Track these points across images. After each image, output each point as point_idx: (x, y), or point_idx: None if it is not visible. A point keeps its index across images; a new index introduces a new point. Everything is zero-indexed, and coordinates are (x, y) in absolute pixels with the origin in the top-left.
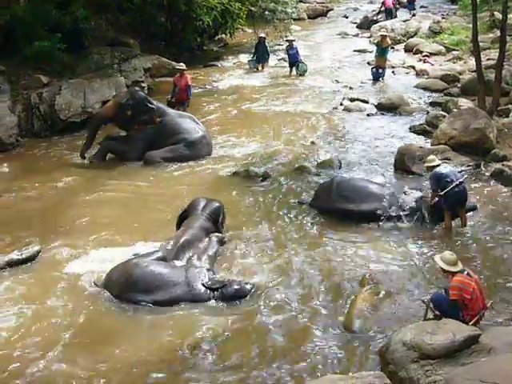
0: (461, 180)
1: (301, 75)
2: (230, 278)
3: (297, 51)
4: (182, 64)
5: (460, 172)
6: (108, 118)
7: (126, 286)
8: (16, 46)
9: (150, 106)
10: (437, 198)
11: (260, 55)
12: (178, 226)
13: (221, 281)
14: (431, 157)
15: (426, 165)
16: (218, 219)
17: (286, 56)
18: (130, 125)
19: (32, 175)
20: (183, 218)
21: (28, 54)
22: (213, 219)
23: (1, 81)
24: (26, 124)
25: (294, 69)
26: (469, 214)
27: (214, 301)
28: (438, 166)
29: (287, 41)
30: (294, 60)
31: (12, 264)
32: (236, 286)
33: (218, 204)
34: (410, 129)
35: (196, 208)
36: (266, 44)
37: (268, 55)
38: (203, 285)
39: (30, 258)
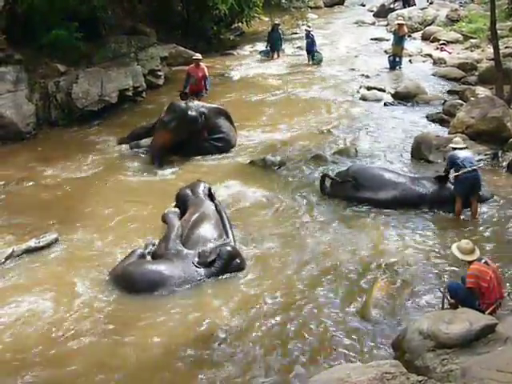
0: (474, 167)
1: (316, 64)
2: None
3: (312, 40)
4: (198, 54)
5: (478, 160)
6: (166, 148)
7: (128, 288)
8: (33, 34)
9: (200, 119)
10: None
11: (274, 43)
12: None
13: (213, 250)
14: (458, 139)
15: (451, 145)
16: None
17: (305, 44)
18: (189, 139)
19: (49, 164)
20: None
21: (45, 42)
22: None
23: (18, 70)
24: (44, 113)
25: (309, 57)
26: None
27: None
28: (460, 149)
29: (306, 30)
30: (309, 49)
31: (30, 251)
32: (229, 249)
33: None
34: (426, 117)
35: (196, 191)
36: (280, 31)
37: (282, 42)
38: (197, 265)
39: (48, 246)
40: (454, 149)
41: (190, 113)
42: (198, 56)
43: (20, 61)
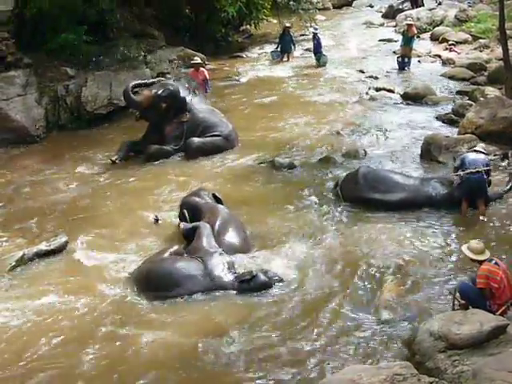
0: (479, 169)
1: (321, 66)
2: (257, 269)
3: (318, 42)
4: (196, 58)
5: (487, 163)
6: (141, 107)
7: (147, 285)
8: (42, 38)
9: (183, 99)
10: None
11: (286, 45)
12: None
13: (249, 272)
14: (482, 144)
15: (475, 148)
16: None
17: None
18: (161, 118)
19: (59, 167)
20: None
21: (54, 46)
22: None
23: (27, 73)
24: (53, 116)
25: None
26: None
27: (237, 290)
28: (477, 152)
29: (312, 32)
30: (316, 50)
31: (41, 255)
32: (263, 278)
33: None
34: (436, 118)
35: (203, 197)
36: (291, 34)
37: (294, 45)
38: (234, 277)
39: (58, 249)
40: (474, 151)
41: (174, 86)
42: (197, 60)
43: (29, 65)
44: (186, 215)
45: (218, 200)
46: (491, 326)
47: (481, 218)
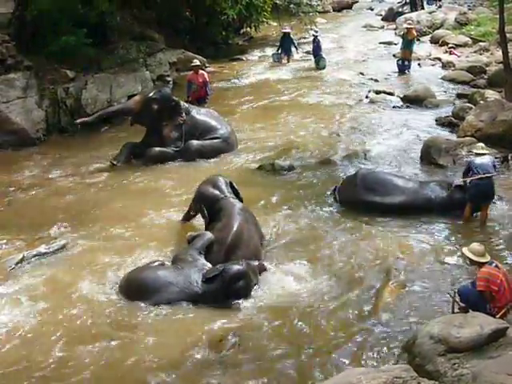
0: (488, 175)
1: (320, 69)
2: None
3: (317, 45)
4: (195, 60)
5: (495, 165)
6: (133, 112)
7: (129, 292)
8: (42, 41)
9: (175, 101)
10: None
11: (286, 48)
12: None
13: (217, 268)
14: (480, 144)
15: (474, 151)
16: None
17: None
18: (155, 121)
19: (59, 169)
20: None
21: (54, 49)
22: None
23: (28, 76)
24: (53, 118)
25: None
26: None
27: (216, 292)
28: (482, 155)
29: (313, 34)
30: (315, 54)
31: (40, 257)
32: (235, 267)
33: (228, 179)
34: (436, 121)
35: (221, 188)
36: (292, 37)
37: (296, 47)
38: (203, 280)
39: (58, 252)
40: (477, 155)
41: (166, 88)
42: (196, 62)
43: (29, 67)
44: (205, 211)
45: (234, 191)
46: (491, 329)
47: (483, 224)
